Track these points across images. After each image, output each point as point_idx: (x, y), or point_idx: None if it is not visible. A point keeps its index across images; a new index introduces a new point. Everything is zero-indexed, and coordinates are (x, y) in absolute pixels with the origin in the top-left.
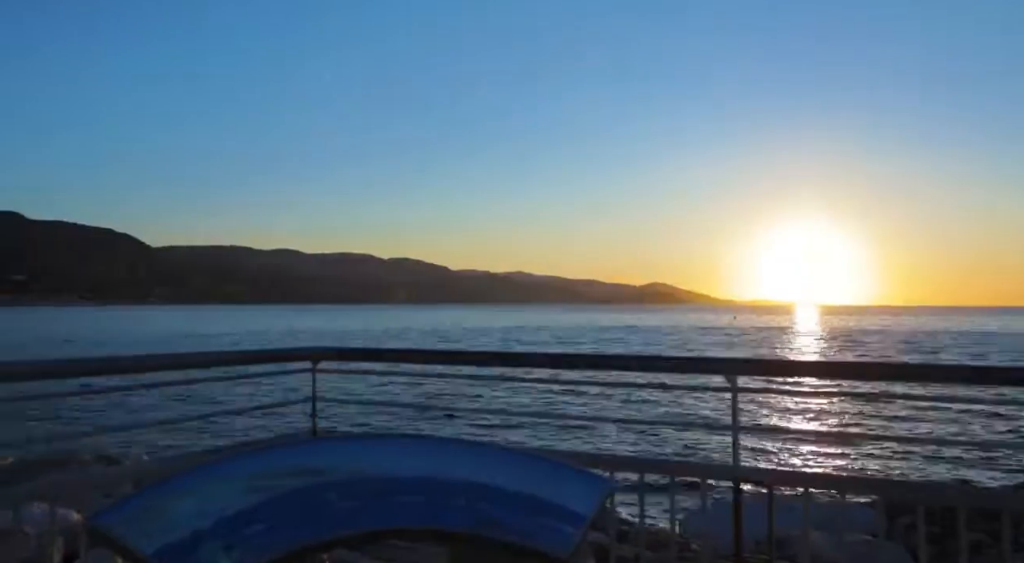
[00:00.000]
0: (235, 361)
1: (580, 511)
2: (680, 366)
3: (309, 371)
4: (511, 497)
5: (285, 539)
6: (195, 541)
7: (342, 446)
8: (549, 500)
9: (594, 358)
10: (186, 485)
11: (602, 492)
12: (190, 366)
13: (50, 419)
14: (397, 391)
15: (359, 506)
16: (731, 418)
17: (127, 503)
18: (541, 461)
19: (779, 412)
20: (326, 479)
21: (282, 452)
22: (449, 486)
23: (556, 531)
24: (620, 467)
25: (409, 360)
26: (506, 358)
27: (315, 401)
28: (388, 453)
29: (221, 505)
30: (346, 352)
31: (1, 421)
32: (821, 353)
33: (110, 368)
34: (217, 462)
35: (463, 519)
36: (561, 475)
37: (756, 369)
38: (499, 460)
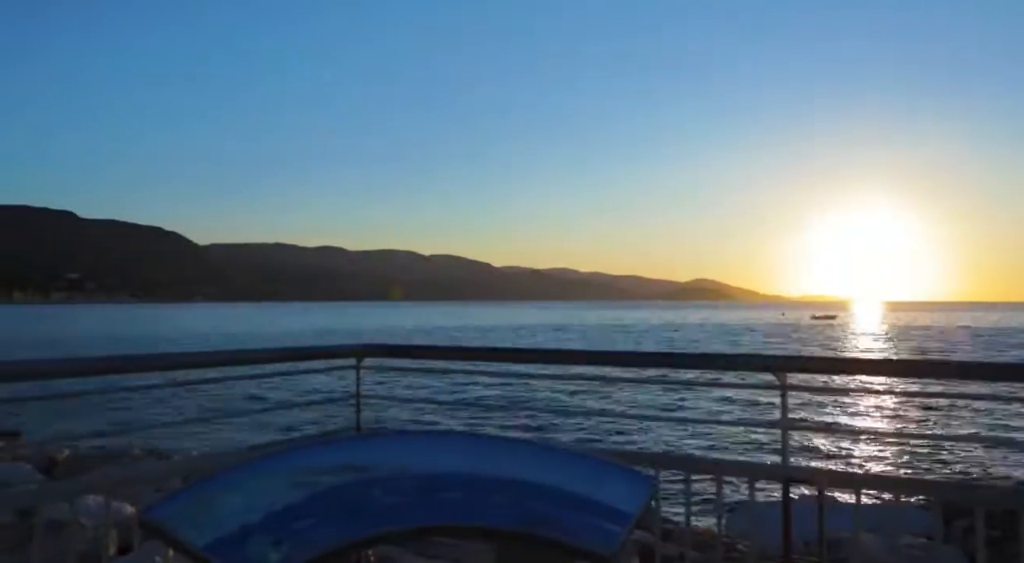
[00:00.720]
0: (280, 358)
1: (625, 509)
2: (727, 363)
3: (353, 368)
4: (556, 495)
5: (331, 534)
6: (244, 535)
7: (386, 442)
8: (594, 498)
9: (638, 355)
10: (235, 480)
11: (647, 491)
12: (237, 363)
13: (104, 415)
14: (440, 388)
15: (404, 502)
16: (780, 416)
17: (178, 497)
18: (586, 459)
19: (829, 410)
20: (371, 475)
21: (327, 448)
22: (493, 483)
23: (601, 529)
24: (666, 465)
25: (452, 357)
26: (549, 355)
27: (359, 398)
28: (432, 450)
29: (269, 500)
30: (389, 349)
31: (58, 416)
32: (879, 351)
33: (160, 365)
34: (264, 458)
35: (508, 516)
36: (606, 473)
37: (806, 366)
38: (544, 457)
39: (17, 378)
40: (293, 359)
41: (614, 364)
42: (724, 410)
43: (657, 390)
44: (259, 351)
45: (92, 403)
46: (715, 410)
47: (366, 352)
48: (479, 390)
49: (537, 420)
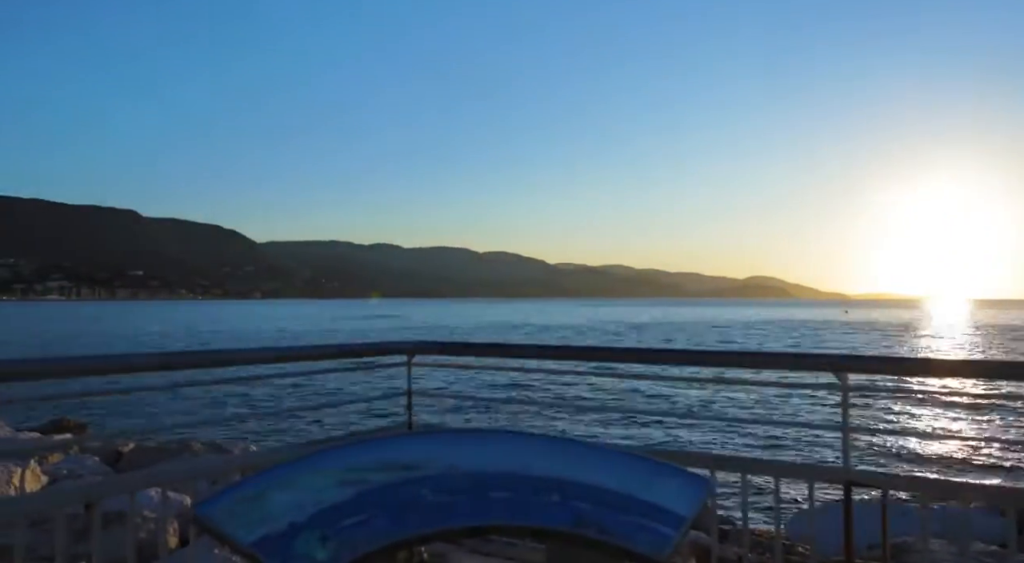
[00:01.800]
0: (334, 355)
1: (680, 512)
2: (785, 362)
3: (405, 365)
4: (608, 496)
5: (379, 533)
6: (292, 533)
7: (436, 440)
8: (647, 500)
9: (695, 353)
10: (284, 477)
11: (702, 493)
12: (290, 359)
13: (165, 409)
14: (492, 385)
15: (453, 501)
16: (841, 417)
17: (227, 494)
18: (639, 459)
19: (892, 411)
20: (420, 473)
21: (377, 445)
22: (544, 483)
23: (654, 532)
24: (722, 466)
25: (504, 354)
26: (602, 353)
27: (411, 395)
28: (482, 448)
29: (317, 497)
30: (441, 346)
31: (121, 410)
32: (949, 352)
33: (216, 361)
34: (314, 455)
35: (558, 517)
36: (660, 474)
37: (868, 366)
38: (596, 457)
39: (84, 373)
40: (345, 356)
41: (669, 363)
42: (782, 410)
43: (713, 389)
44: (312, 347)
45: (155, 398)
46: (773, 410)
47: (417, 349)
48: (531, 388)
49: (590, 419)
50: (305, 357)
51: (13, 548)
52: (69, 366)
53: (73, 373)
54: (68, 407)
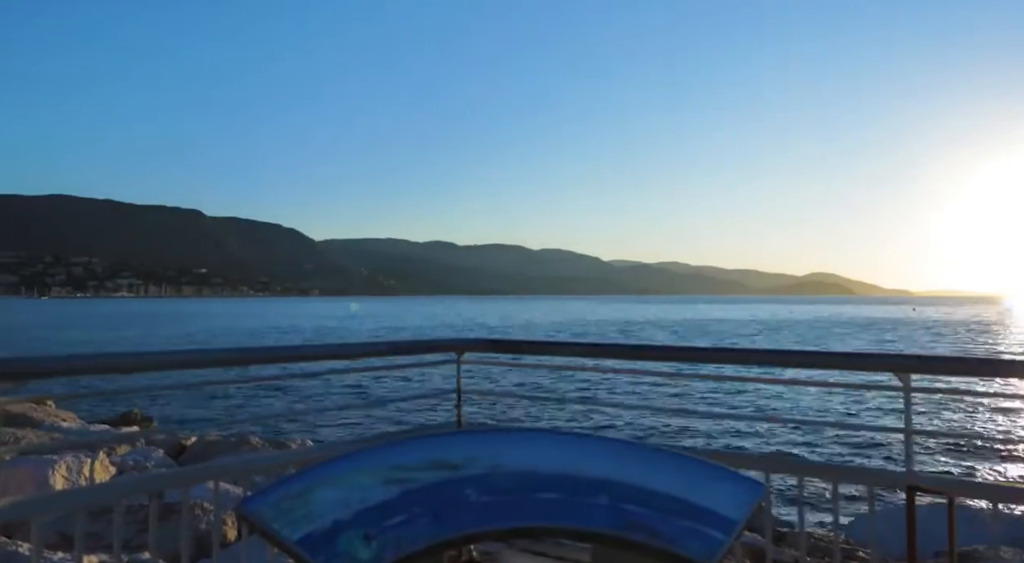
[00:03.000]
0: (383, 352)
1: (731, 516)
2: (844, 362)
3: (454, 362)
4: (656, 498)
5: (422, 533)
6: (336, 531)
7: (483, 439)
8: (697, 503)
9: (750, 352)
10: (330, 474)
11: (756, 496)
12: (341, 356)
13: (225, 404)
14: (542, 383)
15: (498, 502)
16: (903, 420)
17: (273, 490)
18: (691, 461)
19: (958, 414)
20: (466, 473)
21: (423, 443)
22: (591, 484)
23: (704, 536)
24: (777, 469)
25: (554, 352)
26: (655, 351)
27: (460, 393)
28: (529, 447)
29: (362, 496)
30: (490, 343)
31: (184, 405)
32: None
33: (272, 357)
34: (360, 452)
35: (605, 519)
36: (711, 476)
37: (931, 366)
38: (645, 458)
39: (151, 368)
40: (395, 353)
41: (723, 362)
42: (841, 412)
43: (769, 389)
44: (363, 344)
45: (215, 393)
46: (831, 412)
47: (467, 346)
48: (581, 386)
49: (641, 419)
50: (357, 354)
51: (76, 536)
52: (137, 361)
53: (140, 368)
54: (136, 401)
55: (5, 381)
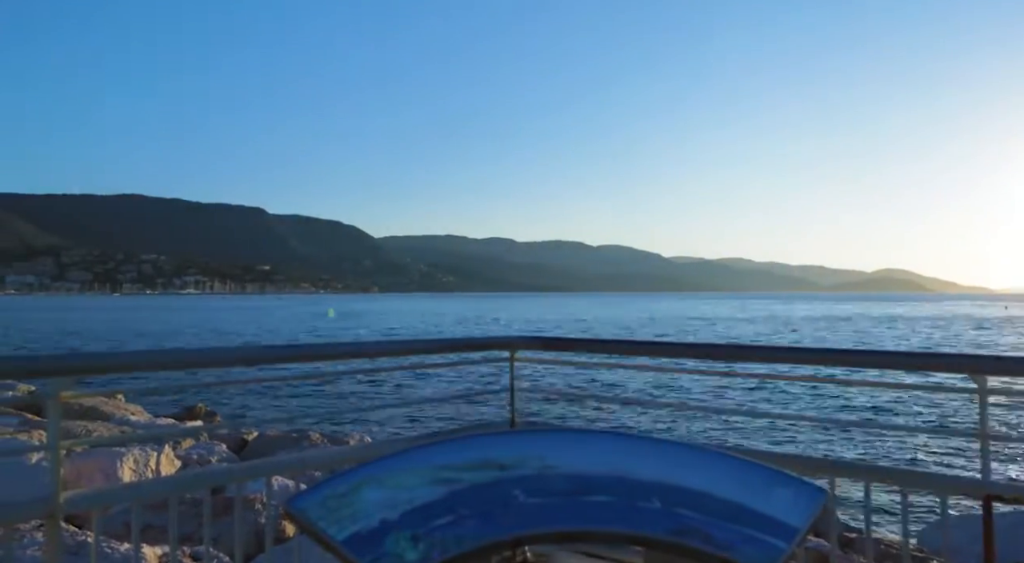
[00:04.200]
0: (436, 349)
1: (792, 523)
2: (916, 362)
3: (507, 360)
4: (713, 503)
5: (470, 535)
6: (383, 531)
7: (533, 439)
8: (756, 509)
9: (817, 352)
10: (378, 473)
11: (817, 502)
12: (396, 354)
13: (284, 400)
14: (595, 382)
15: (548, 504)
16: (979, 424)
17: (320, 489)
18: (751, 465)
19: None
20: (516, 473)
21: (473, 443)
22: (644, 487)
23: (763, 544)
24: (843, 474)
25: (609, 351)
26: (715, 351)
27: (513, 391)
28: (582, 448)
29: (409, 495)
30: (544, 341)
31: (246, 400)
32: None
33: (328, 354)
34: (410, 450)
35: (657, 524)
36: (772, 481)
37: (1010, 368)
38: (703, 462)
39: (212, 364)
40: (448, 350)
41: (787, 361)
42: (913, 415)
43: (836, 390)
44: (417, 342)
45: (275, 389)
46: (902, 414)
47: (520, 344)
48: (637, 386)
49: (699, 420)
50: (410, 351)
51: (133, 528)
52: (201, 357)
53: (204, 364)
54: (201, 396)
55: (78, 375)
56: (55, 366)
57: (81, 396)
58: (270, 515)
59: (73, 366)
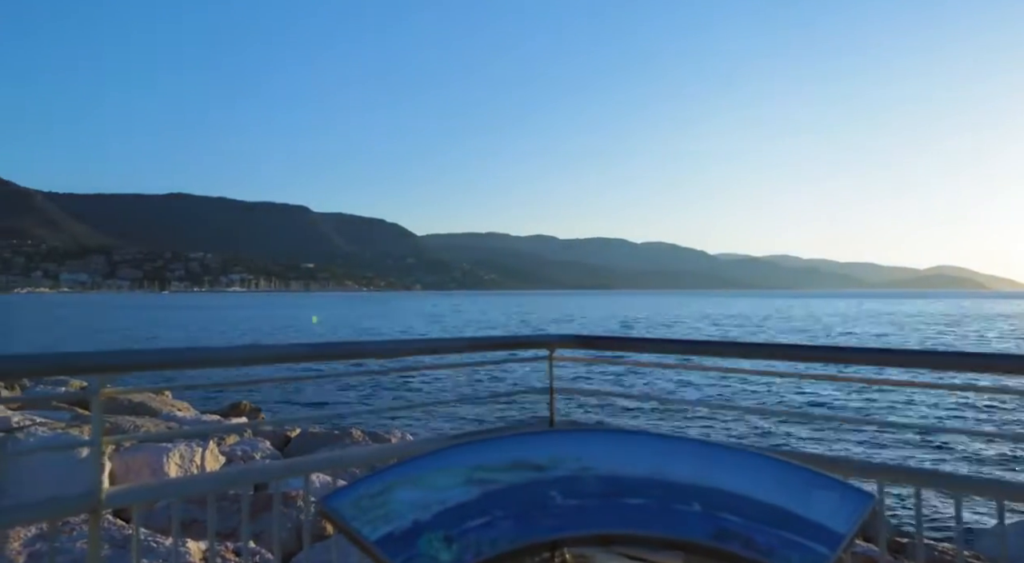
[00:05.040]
0: (474, 347)
1: (837, 529)
2: (968, 363)
3: (546, 359)
4: (755, 507)
5: (504, 537)
6: (416, 531)
7: (570, 439)
8: (799, 513)
9: (864, 351)
10: (411, 473)
11: (864, 507)
12: (434, 351)
13: (326, 397)
14: (636, 382)
15: (584, 506)
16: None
17: (355, 487)
18: (794, 468)
19: None
20: (552, 474)
21: (508, 443)
22: (684, 490)
23: (806, 550)
24: (893, 478)
25: (649, 349)
26: (760, 349)
27: (552, 390)
28: (621, 449)
29: (442, 496)
30: (583, 340)
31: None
32: None
33: (373, 352)
34: (444, 450)
35: (697, 528)
36: (815, 484)
37: None
38: (745, 465)
39: (257, 361)
40: (486, 348)
41: (832, 361)
42: (967, 417)
43: (884, 391)
44: (454, 340)
45: (318, 385)
46: (954, 417)
47: (559, 343)
48: (677, 385)
49: (740, 421)
50: (448, 349)
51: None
52: (246, 354)
53: (249, 361)
54: (246, 393)
55: (119, 372)
56: (97, 363)
57: (123, 392)
58: (308, 513)
59: (114, 363)
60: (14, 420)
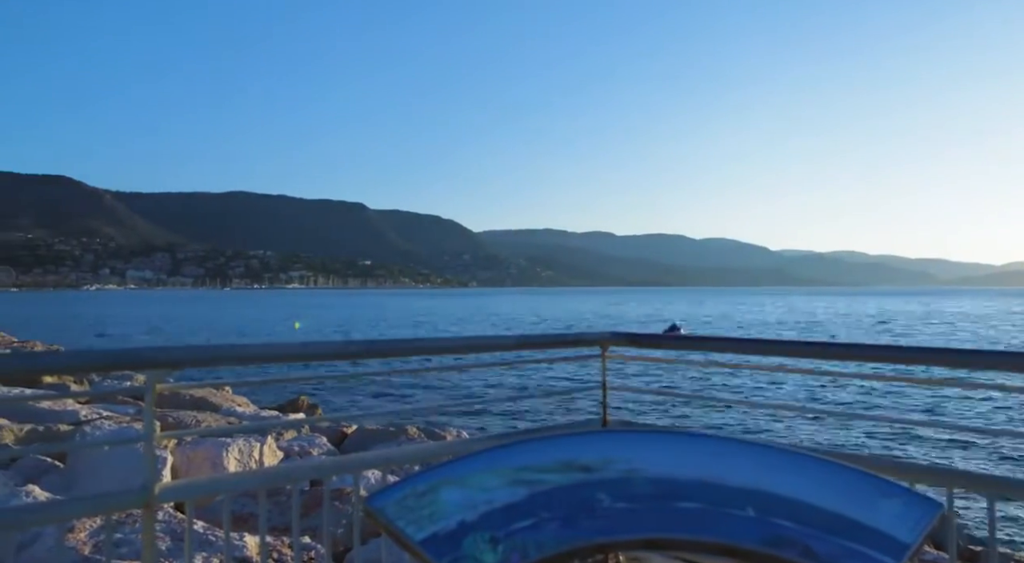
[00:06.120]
0: (525, 345)
1: (902, 538)
2: None
3: (599, 357)
4: (813, 513)
5: (550, 539)
6: (461, 532)
7: (620, 440)
8: (860, 520)
9: (931, 351)
10: (458, 472)
11: (931, 516)
12: (486, 349)
13: (383, 394)
14: (691, 381)
15: (633, 509)
16: None
17: (400, 487)
18: (857, 473)
19: None
20: (600, 476)
21: (557, 443)
22: (739, 494)
23: (867, 560)
24: (963, 485)
25: (705, 348)
26: (819, 349)
27: (605, 389)
28: (672, 451)
29: (488, 496)
30: (636, 338)
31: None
32: None
33: (427, 349)
34: (491, 450)
35: (751, 534)
36: (879, 491)
37: None
38: (804, 468)
39: (313, 358)
40: (537, 346)
41: (897, 361)
42: None
43: (955, 393)
44: (506, 337)
45: (375, 383)
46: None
47: (612, 341)
48: (735, 385)
49: (800, 423)
50: (500, 347)
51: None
52: (303, 350)
53: (306, 357)
54: (303, 388)
55: (172, 368)
56: (148, 359)
57: (192, 387)
58: (357, 511)
59: (167, 359)
60: (82, 414)
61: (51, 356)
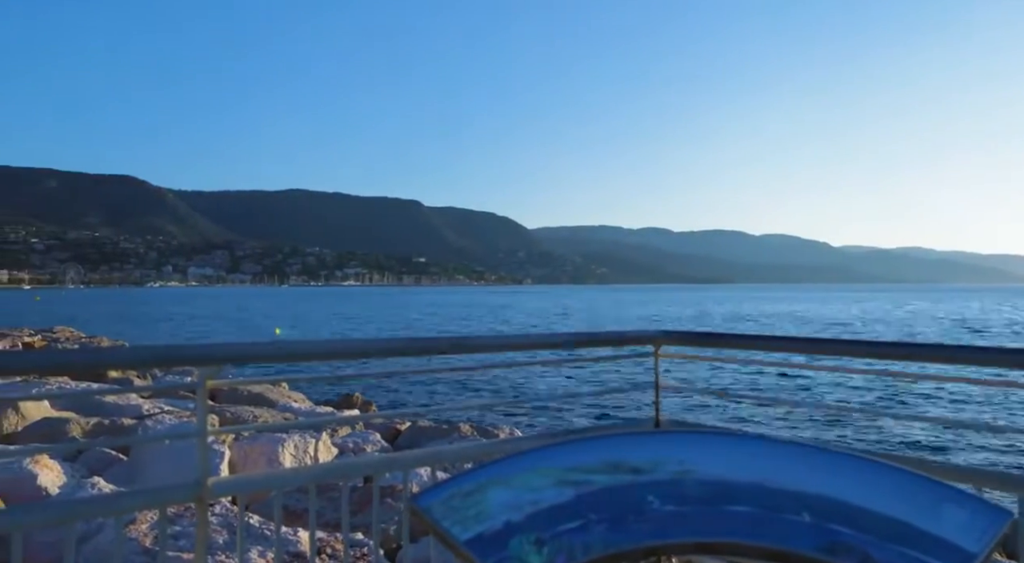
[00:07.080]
0: (580, 343)
1: (966, 546)
2: None
3: (651, 355)
4: (871, 519)
5: (597, 541)
6: (507, 533)
7: (672, 440)
8: (923, 528)
9: (1004, 352)
10: (504, 472)
11: (999, 524)
12: (539, 347)
13: (439, 391)
14: (748, 381)
15: (684, 512)
16: None
17: (446, 486)
18: (916, 477)
19: None
20: (650, 478)
21: (606, 443)
22: (794, 498)
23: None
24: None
25: (762, 347)
26: (884, 349)
27: (658, 388)
28: (725, 453)
29: (535, 497)
30: (690, 336)
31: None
32: None
33: (480, 346)
34: (539, 450)
35: (806, 539)
36: (944, 497)
37: None
38: (863, 473)
39: (368, 355)
40: (589, 344)
41: (964, 362)
42: None
43: None
44: (558, 335)
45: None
46: None
47: (665, 339)
48: (792, 385)
49: (861, 426)
50: (552, 345)
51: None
52: (357, 347)
53: (360, 354)
54: (357, 385)
55: (223, 364)
56: (200, 355)
57: (250, 383)
58: (407, 508)
59: (218, 356)
60: (144, 408)
61: (110, 352)
